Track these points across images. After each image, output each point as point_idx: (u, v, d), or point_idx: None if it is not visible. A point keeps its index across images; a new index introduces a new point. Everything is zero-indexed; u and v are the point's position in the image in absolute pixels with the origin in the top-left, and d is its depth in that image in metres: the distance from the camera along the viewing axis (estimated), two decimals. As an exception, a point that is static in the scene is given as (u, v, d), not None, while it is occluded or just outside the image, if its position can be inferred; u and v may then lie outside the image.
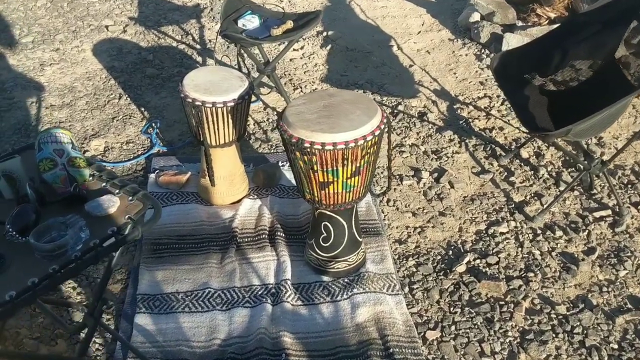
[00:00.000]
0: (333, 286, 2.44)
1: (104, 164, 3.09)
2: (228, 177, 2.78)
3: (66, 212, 1.62)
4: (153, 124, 3.39)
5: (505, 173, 3.09)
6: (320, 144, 2.06)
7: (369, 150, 2.15)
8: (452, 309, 2.37)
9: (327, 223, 2.37)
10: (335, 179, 2.17)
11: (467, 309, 2.36)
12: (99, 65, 3.99)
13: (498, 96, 3.68)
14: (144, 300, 2.36)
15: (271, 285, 2.44)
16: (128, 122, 3.44)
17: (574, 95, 2.87)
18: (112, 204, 1.68)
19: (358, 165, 2.16)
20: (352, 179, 2.20)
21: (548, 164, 3.13)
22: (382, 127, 2.15)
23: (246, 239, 2.66)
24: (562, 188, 2.96)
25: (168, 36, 4.32)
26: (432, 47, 4.26)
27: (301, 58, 4.10)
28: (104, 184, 1.78)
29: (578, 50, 2.85)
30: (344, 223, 2.37)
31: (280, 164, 3.12)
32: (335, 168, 2.13)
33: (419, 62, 4.06)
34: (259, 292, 2.41)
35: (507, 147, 3.26)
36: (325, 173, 2.15)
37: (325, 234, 2.40)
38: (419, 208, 2.87)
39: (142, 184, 2.97)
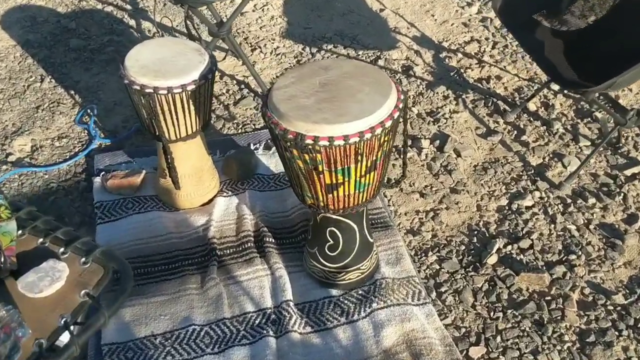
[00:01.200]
0: (346, 302, 1.98)
1: (35, 169, 2.48)
2: (194, 174, 2.24)
3: (-12, 301, 1.08)
4: (89, 111, 2.78)
5: (515, 132, 2.66)
6: (327, 138, 1.55)
7: (386, 139, 1.66)
8: (492, 313, 1.96)
9: (333, 229, 1.89)
10: (347, 179, 1.68)
11: (510, 311, 1.96)
12: (11, 41, 3.27)
13: (487, 39, 3.22)
14: (113, 352, 1.84)
15: (270, 310, 1.96)
16: (57, 111, 2.80)
17: (590, 36, 2.43)
18: (58, 274, 1.14)
19: (374, 159, 1.67)
20: (367, 176, 1.71)
21: (560, 116, 2.71)
22: (401, 105, 1.66)
23: (228, 251, 2.15)
24: (582, 144, 2.56)
25: (90, -3, 3.62)
26: (401, -15, 3.72)
27: (253, 11, 3.49)
28: (41, 239, 1.23)
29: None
30: (355, 227, 1.90)
31: (252, 147, 2.58)
32: (346, 166, 1.64)
33: (390, 5, 3.53)
34: (257, 322, 1.93)
35: (510, 100, 2.82)
36: (333, 174, 1.66)
37: (331, 242, 1.92)
38: (426, 186, 2.41)
39: (86, 190, 2.39)
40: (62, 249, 1.21)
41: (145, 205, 2.31)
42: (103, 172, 2.41)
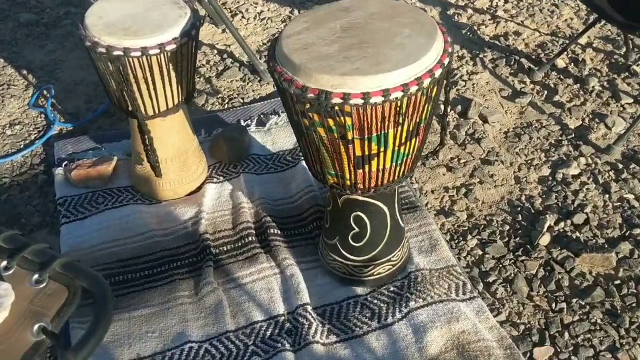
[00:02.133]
0: (376, 301, 1.61)
1: (-19, 163, 2.06)
2: (178, 157, 1.84)
3: None
4: (45, 92, 2.35)
5: (545, 92, 2.31)
6: (361, 95, 1.17)
7: (434, 93, 1.28)
8: (554, 304, 1.61)
9: (359, 213, 1.52)
10: (382, 149, 1.30)
11: (574, 301, 1.61)
12: (-53, 17, 2.81)
13: (497, -8, 2.86)
14: (90, 386, 1.44)
15: (283, 318, 1.58)
16: (7, 94, 2.37)
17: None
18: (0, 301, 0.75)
19: (418, 120, 1.30)
20: (407, 144, 1.33)
21: (594, 72, 2.37)
22: (449, 49, 1.28)
23: (225, 248, 1.77)
24: (624, 102, 2.23)
25: (41, -35, 3.15)
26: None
27: (230, -26, 3.07)
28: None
29: None
30: (385, 209, 1.53)
31: (243, 123, 2.19)
32: (383, 132, 1.26)
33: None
34: (268, 333, 1.55)
35: (534, 57, 2.47)
36: (366, 142, 1.28)
37: (357, 229, 1.54)
38: (452, 158, 2.05)
39: (46, 184, 1.98)
40: (4, 263, 0.81)
41: (119, 198, 1.91)
42: (66, 162, 2.00)
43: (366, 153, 1.30)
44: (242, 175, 1.98)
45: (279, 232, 1.80)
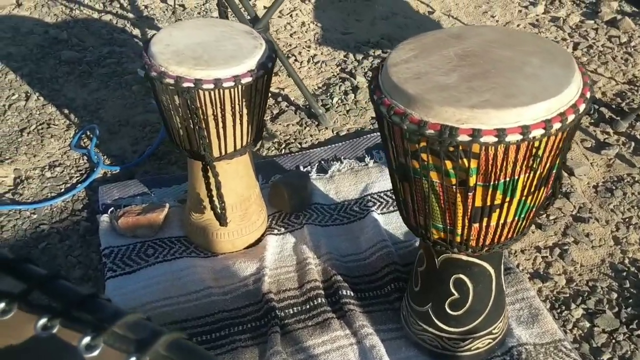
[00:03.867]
0: (474, 381, 1.37)
1: (19, 207, 1.87)
2: (239, 205, 1.64)
3: None
4: (88, 132, 2.18)
5: (632, 143, 2.11)
6: (495, 132, 0.97)
7: (572, 133, 1.08)
8: (684, 389, 1.35)
9: (461, 276, 1.29)
10: (508, 199, 1.09)
11: None
12: (-13, 55, 2.69)
13: (564, 40, 2.70)
14: None
15: (365, 397, 1.34)
16: (46, 134, 2.20)
17: None
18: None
19: (551, 165, 1.09)
20: (535, 193, 1.12)
21: (684, 123, 2.17)
22: (589, 81, 1.08)
23: (291, 311, 1.54)
24: None
25: (84, 5, 3.05)
26: (447, -14, 3.21)
27: (280, 17, 2.95)
28: (42, 321, 0.61)
29: None
30: (492, 272, 1.30)
31: (302, 169, 2.00)
32: (514, 177, 1.05)
33: (439, 8, 3.01)
34: (350, 416, 1.31)
35: (615, 107, 2.28)
36: (490, 190, 1.07)
37: (457, 295, 1.31)
38: (540, 213, 1.83)
39: (89, 232, 1.78)
40: (87, 339, 0.59)
41: (171, 250, 1.70)
42: (112, 209, 1.80)
43: (488, 203, 1.09)
44: (305, 226, 1.77)
45: (352, 293, 1.57)
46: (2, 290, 0.55)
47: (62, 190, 1.95)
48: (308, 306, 1.55)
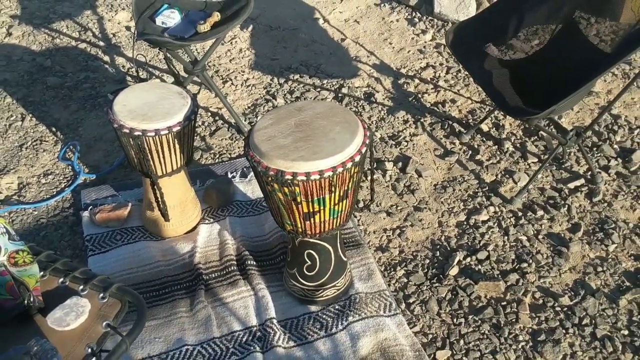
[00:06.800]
0: (324, 316, 2.19)
1: (24, 206, 2.63)
2: (179, 205, 2.42)
3: (23, 335, 1.25)
4: (71, 147, 2.93)
5: (470, 151, 2.92)
6: (304, 174, 1.76)
7: (356, 170, 1.88)
8: (455, 319, 2.19)
9: (310, 251, 2.10)
10: (322, 208, 1.89)
11: (470, 317, 2.19)
12: (-12, 80, 3.40)
13: (441, 64, 3.48)
14: (113, 375, 2.00)
15: (255, 328, 2.15)
16: (40, 149, 2.95)
17: (535, 63, 2.71)
18: (82, 309, 1.32)
19: (346, 189, 1.89)
20: (340, 204, 1.92)
21: (510, 135, 2.99)
22: (367, 141, 1.88)
23: (214, 275, 2.34)
24: (530, 161, 2.83)
25: (63, 34, 3.76)
26: (360, 15, 3.97)
27: (222, 44, 3.69)
28: (61, 279, 1.41)
29: (535, 14, 2.68)
30: (330, 248, 2.11)
31: (230, 175, 2.78)
32: (321, 196, 1.85)
33: (350, 35, 3.77)
34: (244, 339, 2.12)
35: (464, 122, 3.09)
36: (310, 203, 1.87)
37: (309, 263, 2.13)
38: (392, 205, 2.64)
39: (75, 224, 2.55)
40: (81, 287, 1.39)
41: (133, 236, 2.48)
42: (90, 207, 2.57)
43: (311, 210, 1.89)
44: (227, 217, 2.56)
45: (254, 263, 2.37)
46: (41, 266, 1.36)
47: (54, 193, 2.71)
48: (225, 272, 2.35)
